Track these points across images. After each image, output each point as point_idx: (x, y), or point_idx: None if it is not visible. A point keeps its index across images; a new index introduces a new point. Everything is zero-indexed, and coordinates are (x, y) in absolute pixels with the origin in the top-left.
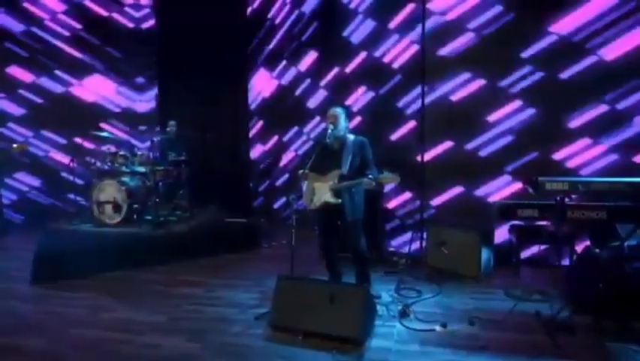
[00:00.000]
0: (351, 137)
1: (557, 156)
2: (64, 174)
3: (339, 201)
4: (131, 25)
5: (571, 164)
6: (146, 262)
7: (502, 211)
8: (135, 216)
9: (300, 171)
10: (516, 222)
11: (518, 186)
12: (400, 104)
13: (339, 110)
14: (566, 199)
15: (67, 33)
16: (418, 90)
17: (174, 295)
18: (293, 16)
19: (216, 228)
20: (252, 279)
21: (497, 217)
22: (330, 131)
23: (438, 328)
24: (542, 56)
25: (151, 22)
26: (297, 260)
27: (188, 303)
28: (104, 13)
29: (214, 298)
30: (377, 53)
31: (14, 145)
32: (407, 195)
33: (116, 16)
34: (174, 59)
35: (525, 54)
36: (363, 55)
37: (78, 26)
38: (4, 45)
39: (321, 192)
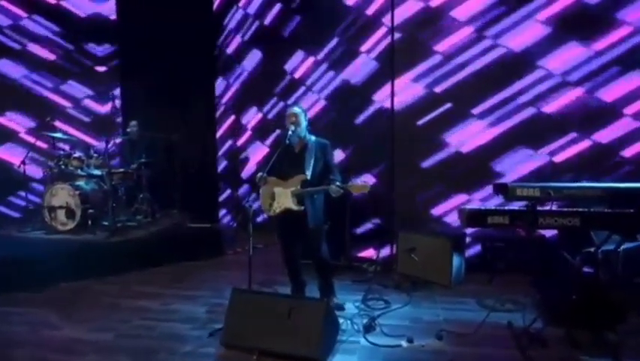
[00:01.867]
0: (312, 138)
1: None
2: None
3: (302, 207)
4: (86, 15)
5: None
6: (99, 271)
7: (470, 218)
8: (90, 222)
9: (259, 175)
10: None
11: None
12: (376, 97)
13: (298, 110)
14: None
15: (9, 21)
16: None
17: (126, 308)
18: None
19: (178, 234)
20: (212, 289)
21: (466, 224)
22: (291, 132)
23: (404, 343)
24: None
25: (113, 16)
26: (261, 268)
27: (140, 318)
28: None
29: (169, 312)
30: (354, 43)
31: None
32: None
33: (67, 5)
34: (137, 55)
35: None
36: (344, 46)
37: (23, 14)
38: None
39: (282, 197)
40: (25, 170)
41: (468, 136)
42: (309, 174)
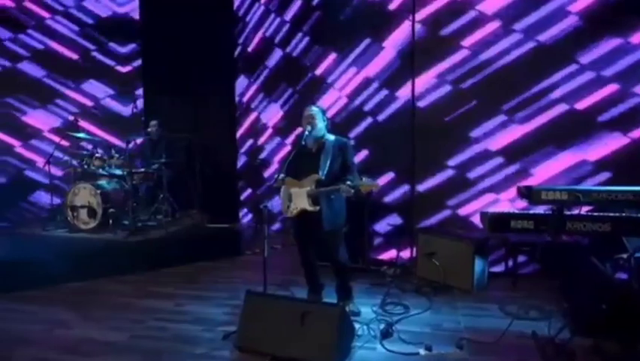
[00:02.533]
0: (331, 137)
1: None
2: (29, 173)
3: (317, 208)
4: (107, 15)
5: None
6: (117, 270)
7: (493, 222)
8: (111, 222)
9: (276, 176)
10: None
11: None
12: (399, 93)
13: (315, 110)
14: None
15: (32, 22)
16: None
17: (140, 308)
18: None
19: (196, 234)
20: (227, 291)
21: (488, 228)
22: (307, 132)
23: (422, 352)
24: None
25: (135, 15)
26: (279, 269)
27: (154, 318)
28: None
29: (182, 313)
30: (377, 38)
31: None
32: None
33: (89, 5)
34: (158, 54)
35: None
36: (367, 42)
37: (46, 14)
38: None
39: (298, 198)
40: (49, 169)
41: (496, 134)
42: (323, 173)
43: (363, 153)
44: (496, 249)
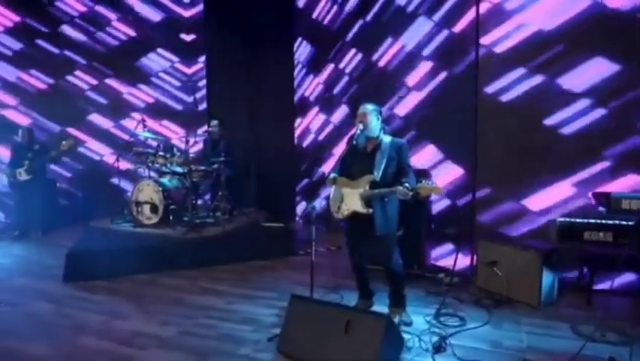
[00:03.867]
0: (387, 138)
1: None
2: (98, 168)
3: (370, 211)
4: (169, 15)
5: None
6: (174, 265)
7: (563, 232)
8: (171, 218)
9: (327, 175)
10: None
11: None
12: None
13: (369, 108)
14: None
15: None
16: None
17: (192, 304)
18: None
19: (251, 232)
20: (277, 291)
21: (557, 240)
22: (359, 131)
23: None
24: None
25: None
26: (330, 271)
27: (204, 315)
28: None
29: (231, 312)
30: (445, 24)
31: (63, 142)
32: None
33: (154, 5)
34: (221, 55)
35: None
36: (433, 28)
37: (113, 16)
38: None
39: (350, 199)
40: (119, 166)
41: (571, 118)
42: (378, 174)
43: (430, 149)
44: (568, 260)
